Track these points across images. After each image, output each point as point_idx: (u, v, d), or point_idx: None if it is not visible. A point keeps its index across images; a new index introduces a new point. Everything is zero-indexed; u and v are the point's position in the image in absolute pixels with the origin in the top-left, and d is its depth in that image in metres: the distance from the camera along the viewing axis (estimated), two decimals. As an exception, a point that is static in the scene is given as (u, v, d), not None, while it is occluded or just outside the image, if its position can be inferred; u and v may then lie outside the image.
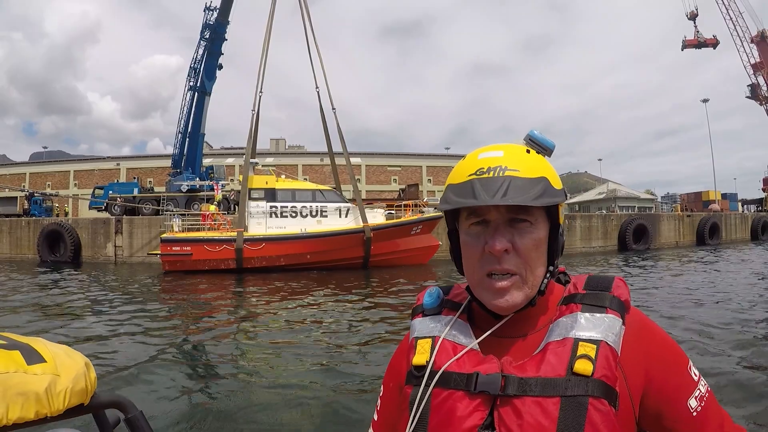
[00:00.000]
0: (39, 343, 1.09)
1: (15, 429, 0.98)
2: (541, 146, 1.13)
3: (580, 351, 0.96)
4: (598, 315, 1.02)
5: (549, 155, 1.14)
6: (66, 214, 41.07)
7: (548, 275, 1.09)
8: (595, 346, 0.96)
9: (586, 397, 0.92)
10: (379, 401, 1.28)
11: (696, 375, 1.05)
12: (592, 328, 0.99)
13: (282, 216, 24.92)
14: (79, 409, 1.10)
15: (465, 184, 1.06)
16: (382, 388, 1.28)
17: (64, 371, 1.05)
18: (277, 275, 21.04)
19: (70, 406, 1.05)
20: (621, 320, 1.01)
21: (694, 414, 1.00)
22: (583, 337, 0.98)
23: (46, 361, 1.03)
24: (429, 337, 1.14)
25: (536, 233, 1.05)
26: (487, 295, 1.06)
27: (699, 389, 1.03)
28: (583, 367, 0.94)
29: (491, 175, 1.03)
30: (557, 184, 1.08)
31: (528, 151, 1.10)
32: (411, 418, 1.05)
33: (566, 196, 1.10)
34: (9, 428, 0.96)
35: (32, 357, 1.03)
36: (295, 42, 31.33)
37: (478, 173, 1.05)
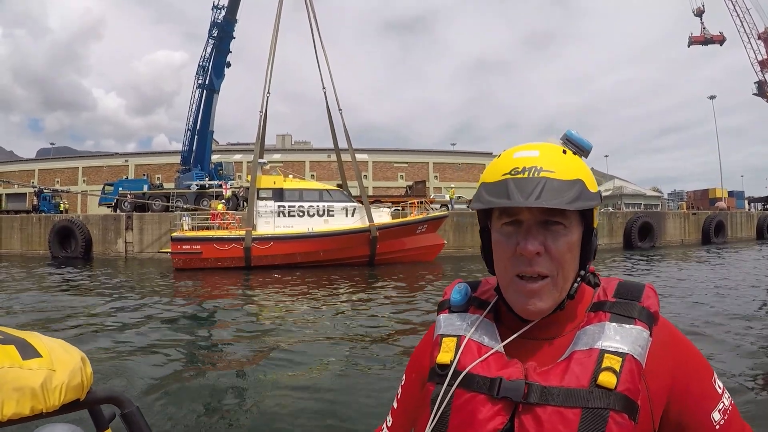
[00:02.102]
0: (34, 338, 1.08)
1: (10, 425, 0.98)
2: (577, 146, 1.11)
3: (605, 363, 0.96)
4: (626, 326, 1.01)
5: (586, 156, 1.12)
6: (66, 210, 41.11)
7: (579, 279, 1.08)
8: (620, 359, 0.96)
9: (607, 411, 0.92)
10: (400, 389, 1.29)
11: (720, 387, 1.05)
12: (619, 339, 0.99)
13: (290, 215, 25.29)
14: (74, 405, 1.09)
15: (499, 184, 1.04)
16: (404, 377, 1.29)
17: (59, 366, 1.04)
18: (284, 272, 21.36)
19: (65, 402, 1.04)
20: (648, 332, 1.01)
21: (717, 427, 1.00)
22: (609, 349, 0.98)
23: (41, 356, 1.03)
24: (454, 335, 1.13)
25: (569, 236, 1.04)
26: (517, 298, 1.05)
27: (723, 402, 1.03)
28: (606, 379, 0.94)
29: (526, 175, 1.02)
30: (593, 187, 1.06)
31: (564, 152, 1.08)
32: (432, 417, 1.05)
33: (601, 198, 1.08)
34: (4, 424, 0.96)
35: (27, 352, 1.02)
36: (298, 36, 31.66)
37: (512, 173, 1.03)
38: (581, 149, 1.11)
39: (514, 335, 1.08)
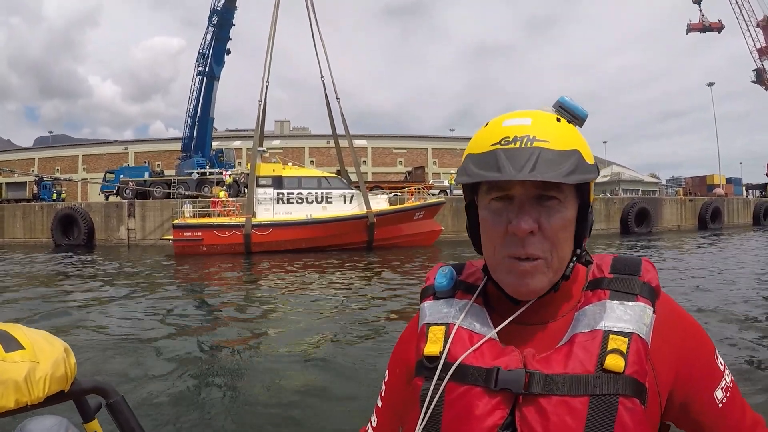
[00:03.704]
0: (17, 330, 1.06)
1: None
2: (572, 114, 1.01)
3: (611, 345, 0.89)
4: (629, 303, 0.94)
5: (581, 125, 1.03)
6: (63, 198, 41.16)
7: (574, 258, 1.00)
8: (626, 339, 0.89)
9: (616, 396, 0.86)
10: (383, 387, 1.19)
11: (722, 364, 1.00)
12: (623, 318, 0.92)
13: (289, 202, 25.74)
14: (59, 396, 1.08)
15: (488, 155, 0.94)
16: (387, 372, 1.19)
17: (43, 357, 1.03)
18: (283, 257, 21.64)
19: (50, 393, 1.03)
20: (652, 308, 0.94)
21: (720, 405, 0.96)
22: (614, 330, 0.91)
23: (24, 348, 1.02)
24: (442, 324, 1.04)
25: (565, 212, 0.95)
26: (508, 279, 0.96)
27: (725, 379, 0.98)
28: (614, 362, 0.87)
29: (518, 145, 0.92)
30: (590, 159, 0.97)
31: (558, 120, 0.99)
32: (422, 414, 0.96)
33: (598, 171, 0.98)
34: None
35: (10, 344, 1.01)
36: (295, 23, 31.87)
37: (502, 143, 0.93)
38: (576, 117, 1.02)
39: (509, 319, 0.99)
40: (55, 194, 39.98)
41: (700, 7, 61.28)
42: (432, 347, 1.00)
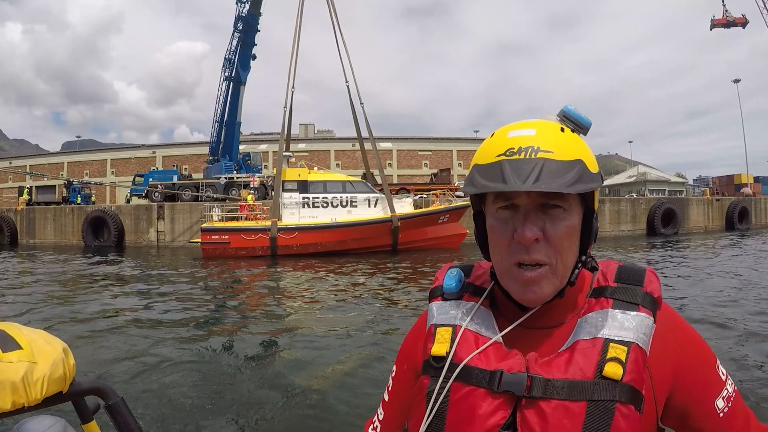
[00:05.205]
0: (14, 329, 1.05)
1: None
2: (576, 123, 1.03)
3: (611, 353, 0.92)
4: (630, 313, 0.97)
5: (585, 134, 1.04)
6: (93, 202, 41.90)
7: (579, 265, 1.02)
8: (626, 348, 0.92)
9: (613, 403, 0.89)
10: (390, 381, 1.23)
11: (723, 374, 1.02)
12: (624, 328, 0.95)
13: (314, 206, 25.98)
14: (57, 397, 1.07)
15: (493, 166, 0.97)
16: (394, 367, 1.24)
17: (41, 358, 1.01)
18: (308, 260, 21.84)
19: (48, 395, 1.02)
20: (652, 319, 0.97)
21: (721, 415, 0.98)
22: (614, 338, 0.94)
23: (22, 348, 1.00)
24: (449, 325, 1.07)
25: (569, 220, 0.97)
26: (515, 287, 0.99)
27: (726, 389, 1.00)
28: (612, 370, 0.90)
29: (522, 156, 0.95)
30: (593, 167, 0.99)
31: (562, 130, 1.01)
32: (428, 412, 1.00)
33: (602, 179, 1.02)
34: None
35: (7, 344, 0.99)
36: (318, 26, 32.28)
37: (507, 154, 0.96)
38: (580, 126, 1.04)
39: (513, 324, 1.03)
40: (79, 198, 40.84)
41: (723, 2, 60.17)
42: (439, 348, 1.05)
